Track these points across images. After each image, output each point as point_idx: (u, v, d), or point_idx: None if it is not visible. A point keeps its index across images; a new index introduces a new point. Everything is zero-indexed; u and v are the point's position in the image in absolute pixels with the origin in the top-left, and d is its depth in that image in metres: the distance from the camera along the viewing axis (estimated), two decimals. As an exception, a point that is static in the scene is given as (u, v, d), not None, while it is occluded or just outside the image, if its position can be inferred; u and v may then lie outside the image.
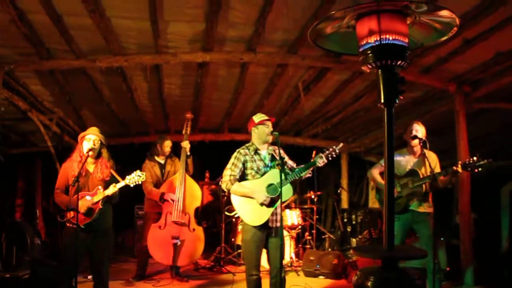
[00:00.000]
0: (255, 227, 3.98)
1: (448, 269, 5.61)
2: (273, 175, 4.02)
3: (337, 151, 4.08)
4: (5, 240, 6.04)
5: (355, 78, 5.79)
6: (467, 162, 4.25)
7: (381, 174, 4.80)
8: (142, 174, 4.04)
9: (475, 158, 4.20)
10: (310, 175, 4.25)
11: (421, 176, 4.50)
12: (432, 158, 4.57)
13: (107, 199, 4.00)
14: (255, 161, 4.11)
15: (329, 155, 4.06)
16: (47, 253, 6.47)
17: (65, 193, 4.02)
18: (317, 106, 7.20)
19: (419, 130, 4.60)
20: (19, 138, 7.92)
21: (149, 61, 5.19)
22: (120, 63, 5.15)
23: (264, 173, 4.08)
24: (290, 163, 4.26)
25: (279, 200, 3.85)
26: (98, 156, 4.11)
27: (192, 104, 6.94)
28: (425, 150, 4.42)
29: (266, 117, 4.17)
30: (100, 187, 3.97)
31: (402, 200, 4.54)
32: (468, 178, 5.66)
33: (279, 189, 3.79)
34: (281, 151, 4.23)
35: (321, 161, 4.03)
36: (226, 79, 6.07)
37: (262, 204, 3.96)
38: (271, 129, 4.13)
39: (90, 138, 4.03)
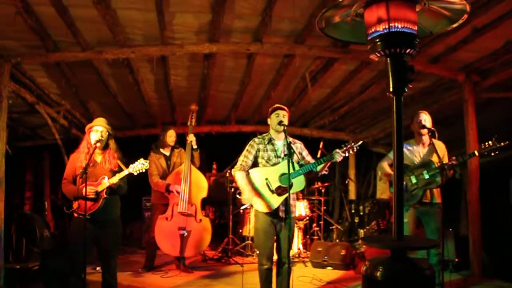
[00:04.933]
0: (266, 215, 4.01)
1: (456, 260, 5.60)
2: (286, 166, 4.01)
3: (355, 148, 4.07)
4: (15, 232, 6.09)
5: (362, 68, 5.75)
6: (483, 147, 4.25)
7: (390, 166, 4.74)
8: (146, 162, 4.02)
9: (490, 143, 4.21)
10: (326, 172, 4.23)
11: (436, 166, 4.43)
12: (440, 147, 4.53)
13: (112, 190, 3.99)
14: (267, 150, 4.15)
15: (347, 151, 4.05)
16: (56, 245, 6.52)
17: (72, 183, 4.03)
18: (324, 97, 7.16)
19: (427, 119, 4.55)
20: (27, 131, 7.96)
21: (155, 52, 5.17)
22: (126, 55, 5.14)
23: (274, 164, 4.10)
24: (309, 158, 4.25)
25: (290, 190, 3.85)
26: (105, 147, 4.11)
27: (198, 95, 6.92)
28: (433, 140, 4.39)
29: (280, 106, 4.17)
30: (106, 177, 3.97)
31: (418, 191, 4.44)
32: (477, 169, 5.61)
33: (291, 180, 3.79)
34: (301, 145, 4.28)
35: (339, 157, 4.02)
36: (232, 70, 6.04)
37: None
38: (281, 118, 4.10)
39: (98, 130, 4.03)
